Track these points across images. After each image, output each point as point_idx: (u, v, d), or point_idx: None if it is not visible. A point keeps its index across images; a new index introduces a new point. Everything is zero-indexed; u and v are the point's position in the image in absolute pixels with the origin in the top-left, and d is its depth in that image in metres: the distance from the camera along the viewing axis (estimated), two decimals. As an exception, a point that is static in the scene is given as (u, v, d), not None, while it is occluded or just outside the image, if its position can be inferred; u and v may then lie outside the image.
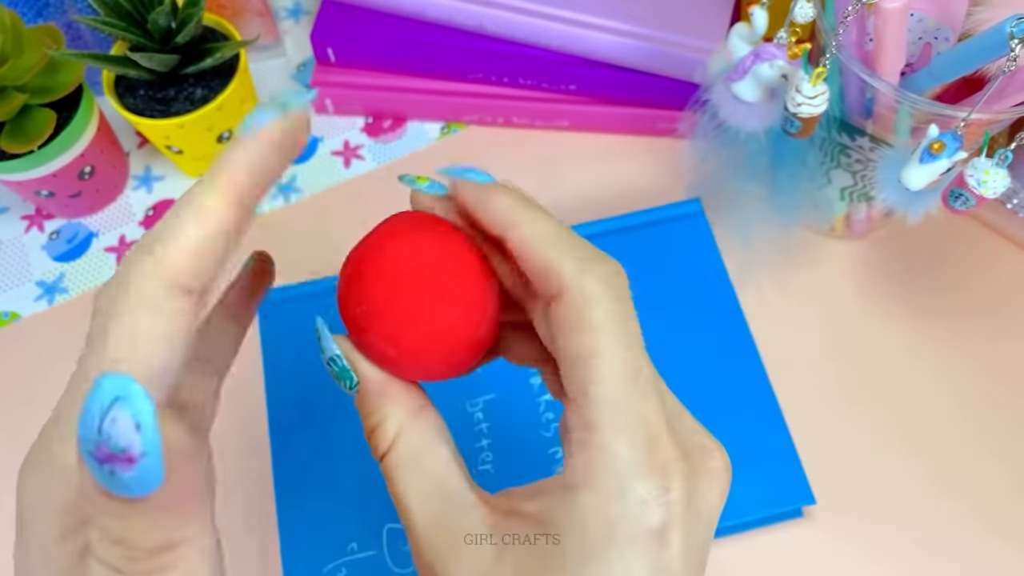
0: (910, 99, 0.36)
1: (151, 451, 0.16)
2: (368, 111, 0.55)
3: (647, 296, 0.45)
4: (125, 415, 0.16)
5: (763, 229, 0.47)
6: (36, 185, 0.48)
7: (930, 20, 0.38)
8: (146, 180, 0.54)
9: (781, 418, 0.42)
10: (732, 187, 0.47)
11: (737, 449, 0.42)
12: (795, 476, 0.41)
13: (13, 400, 0.47)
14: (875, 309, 0.48)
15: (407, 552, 0.39)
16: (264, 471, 0.43)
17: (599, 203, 0.51)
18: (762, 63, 0.38)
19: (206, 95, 0.48)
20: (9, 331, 0.49)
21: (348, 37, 0.52)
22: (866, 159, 0.42)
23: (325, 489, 0.40)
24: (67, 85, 0.46)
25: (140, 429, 0.16)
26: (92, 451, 0.16)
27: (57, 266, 0.51)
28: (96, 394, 0.16)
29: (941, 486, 0.43)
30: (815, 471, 0.41)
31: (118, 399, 0.16)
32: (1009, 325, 0.47)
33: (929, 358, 0.46)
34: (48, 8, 0.50)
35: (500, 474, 0.40)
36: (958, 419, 0.44)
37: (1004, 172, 0.34)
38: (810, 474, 0.41)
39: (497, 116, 0.54)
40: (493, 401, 0.42)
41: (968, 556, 0.41)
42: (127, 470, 0.16)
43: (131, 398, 0.16)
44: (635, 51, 0.49)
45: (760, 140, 0.43)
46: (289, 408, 0.42)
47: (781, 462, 0.41)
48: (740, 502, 0.40)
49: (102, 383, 0.16)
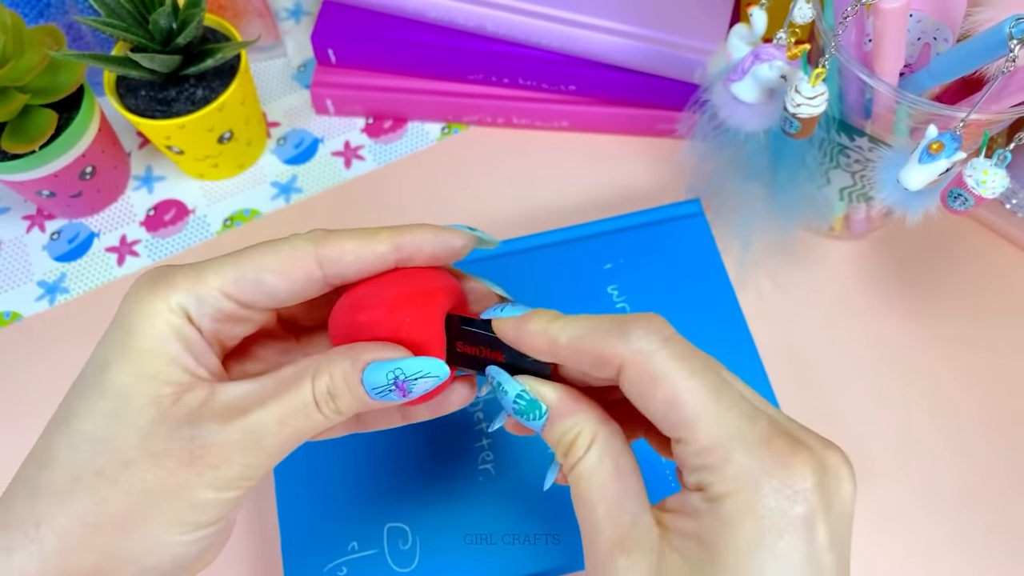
0: (909, 99, 0.36)
1: (417, 391, 0.26)
2: (369, 112, 0.56)
3: (647, 296, 0.46)
4: (428, 383, 0.26)
5: (763, 229, 0.47)
6: (37, 185, 0.48)
7: (929, 20, 0.38)
8: (147, 180, 0.54)
9: (781, 418, 0.42)
10: (732, 187, 0.47)
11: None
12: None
13: (14, 400, 0.47)
14: (874, 309, 0.48)
15: (407, 551, 0.39)
16: (265, 471, 0.43)
17: (599, 203, 0.52)
18: (761, 64, 0.38)
19: (207, 96, 0.48)
20: (10, 331, 0.49)
21: (349, 38, 0.52)
22: (865, 159, 0.42)
23: (325, 488, 0.40)
24: (68, 86, 0.46)
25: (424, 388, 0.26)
26: (398, 379, 0.25)
27: (58, 266, 0.51)
28: (429, 371, 0.26)
29: (941, 485, 0.43)
30: (814, 471, 0.41)
31: (434, 376, 0.26)
32: (1008, 325, 0.47)
33: (929, 357, 0.46)
34: (49, 9, 0.50)
35: (500, 474, 0.40)
36: (958, 418, 0.45)
37: (1003, 172, 0.34)
38: (810, 474, 0.41)
39: (497, 116, 0.54)
40: (493, 401, 0.42)
41: (970, 556, 0.41)
42: (399, 396, 0.26)
43: (437, 375, 0.26)
44: (635, 52, 0.50)
45: (760, 140, 0.43)
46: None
47: (781, 462, 0.41)
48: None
49: (438, 370, 0.26)
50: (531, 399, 0.26)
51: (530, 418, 0.26)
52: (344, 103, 0.55)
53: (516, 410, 0.27)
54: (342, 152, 0.55)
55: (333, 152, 0.55)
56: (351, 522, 0.39)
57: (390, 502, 0.40)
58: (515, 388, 0.26)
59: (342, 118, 0.56)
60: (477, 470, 0.40)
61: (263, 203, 0.53)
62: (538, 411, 0.26)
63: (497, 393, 0.27)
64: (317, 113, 0.56)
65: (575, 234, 0.47)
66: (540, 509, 0.39)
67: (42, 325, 0.49)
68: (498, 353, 0.28)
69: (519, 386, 0.26)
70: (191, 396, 0.24)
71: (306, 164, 0.54)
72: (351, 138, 0.55)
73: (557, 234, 0.47)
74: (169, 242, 0.52)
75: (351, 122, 0.56)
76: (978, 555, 0.41)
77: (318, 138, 0.55)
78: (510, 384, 0.27)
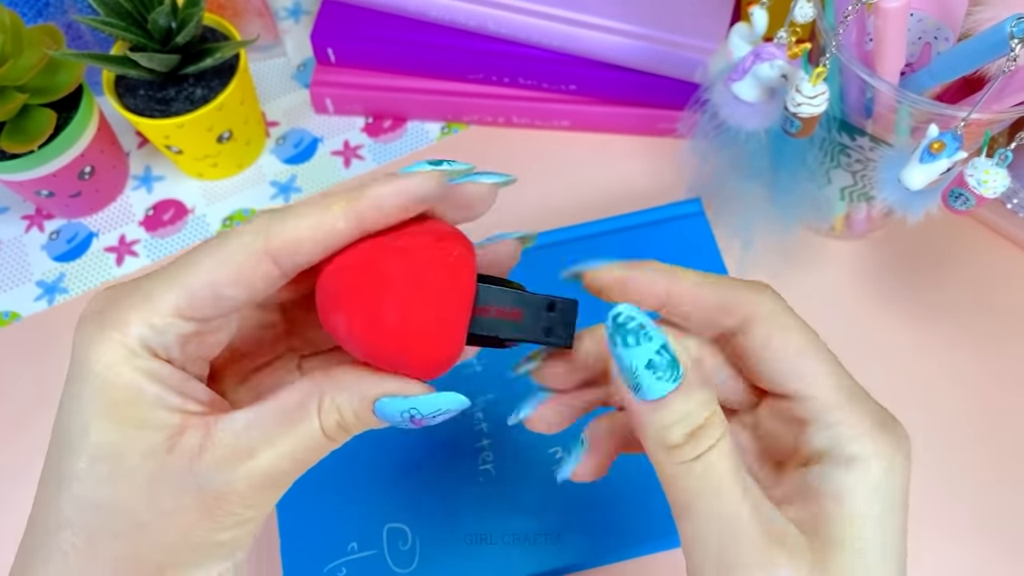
0: (910, 99, 0.36)
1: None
2: (368, 111, 0.55)
3: (647, 296, 0.45)
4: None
5: (763, 229, 0.47)
6: (36, 185, 0.48)
7: (930, 20, 0.38)
8: (146, 180, 0.54)
9: (781, 418, 0.42)
10: (732, 187, 0.47)
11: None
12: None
13: (13, 400, 0.47)
14: (875, 309, 0.48)
15: (407, 552, 0.39)
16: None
17: (599, 203, 0.51)
18: (762, 63, 0.38)
19: (206, 95, 0.48)
20: (9, 331, 0.49)
21: (348, 37, 0.52)
22: (866, 159, 0.42)
23: (324, 489, 0.40)
24: (67, 85, 0.46)
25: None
26: (412, 415, 0.24)
27: (57, 266, 0.51)
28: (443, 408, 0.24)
29: (941, 485, 0.43)
30: (815, 471, 0.41)
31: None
32: (1008, 325, 0.47)
33: (929, 357, 0.46)
34: (48, 8, 0.50)
35: (500, 474, 0.40)
36: (958, 418, 0.44)
37: (1004, 172, 0.34)
38: (810, 474, 0.41)
39: (497, 116, 0.54)
40: (493, 401, 0.42)
41: (969, 555, 0.41)
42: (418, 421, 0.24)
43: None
44: (635, 51, 0.49)
45: (760, 140, 0.43)
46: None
47: (781, 462, 0.41)
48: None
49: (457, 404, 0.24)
50: (672, 357, 0.22)
51: (661, 380, 0.22)
52: (344, 102, 0.55)
53: (651, 364, 0.22)
54: (341, 151, 0.55)
55: (332, 151, 0.55)
56: (351, 522, 0.39)
57: (390, 502, 0.40)
58: (660, 339, 0.22)
59: (341, 117, 0.56)
60: (477, 470, 0.40)
61: (262, 203, 0.53)
62: (675, 372, 0.22)
63: (615, 343, 0.22)
64: (316, 112, 0.56)
65: (575, 234, 0.47)
66: (540, 509, 0.39)
67: (41, 325, 0.49)
68: (516, 312, 0.24)
69: (663, 337, 0.22)
70: (186, 440, 0.22)
71: (305, 164, 0.54)
72: (350, 137, 0.55)
73: (557, 234, 0.47)
74: (168, 242, 0.52)
75: (351, 121, 0.56)
76: (978, 552, 0.41)
77: (317, 137, 0.55)
78: (652, 329, 0.22)
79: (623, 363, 0.22)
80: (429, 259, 0.23)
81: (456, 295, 0.23)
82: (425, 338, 0.23)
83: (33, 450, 0.47)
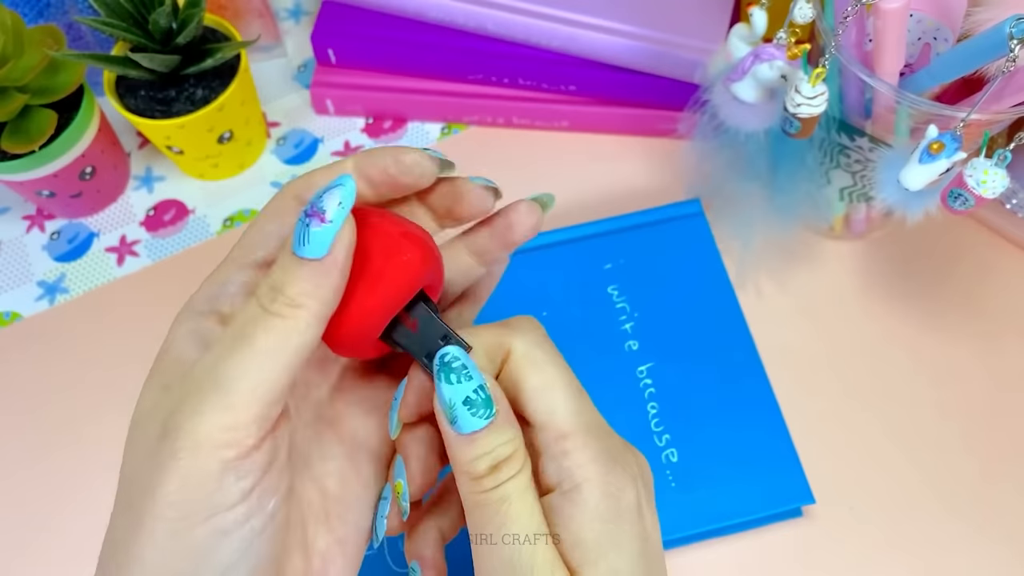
0: (909, 99, 0.36)
1: (336, 221, 0.22)
2: (368, 112, 0.56)
3: (647, 296, 0.45)
4: (336, 192, 0.23)
5: (763, 229, 0.47)
6: (37, 185, 0.48)
7: (929, 20, 0.38)
8: (147, 180, 0.54)
9: (780, 418, 0.42)
10: (732, 187, 0.47)
11: (737, 449, 0.42)
12: (795, 476, 0.41)
13: (14, 400, 0.47)
14: (874, 309, 0.48)
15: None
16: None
17: (599, 203, 0.52)
18: (762, 63, 0.38)
19: (207, 95, 0.48)
20: (10, 331, 0.49)
21: (349, 38, 0.52)
22: (865, 159, 0.42)
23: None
24: (68, 86, 0.46)
25: (340, 205, 0.23)
26: (307, 209, 0.23)
27: (58, 266, 0.51)
28: (334, 181, 0.23)
29: (940, 485, 0.43)
30: (814, 471, 0.41)
31: (340, 184, 0.23)
32: (1008, 325, 0.47)
33: (928, 357, 0.46)
34: (49, 9, 0.50)
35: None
36: (958, 418, 0.45)
37: (1003, 172, 0.34)
38: (809, 474, 0.41)
39: (497, 116, 0.54)
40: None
41: (968, 555, 0.41)
42: (317, 226, 0.22)
43: (346, 186, 0.23)
44: (635, 51, 0.49)
45: (760, 140, 0.43)
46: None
47: (781, 462, 0.41)
48: (740, 502, 0.40)
49: (342, 178, 0.23)
50: (488, 396, 0.24)
51: (475, 416, 0.24)
52: (344, 103, 0.55)
53: (468, 401, 0.24)
54: (343, 152, 0.55)
55: (333, 152, 0.55)
56: (351, 522, 0.39)
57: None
58: (479, 379, 0.24)
59: (342, 118, 0.56)
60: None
61: (263, 203, 0.53)
62: (489, 411, 0.24)
63: (440, 379, 0.24)
64: (317, 113, 0.56)
65: (575, 234, 0.47)
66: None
67: (42, 325, 0.49)
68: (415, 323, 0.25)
69: (482, 378, 0.24)
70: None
71: (307, 164, 0.54)
72: (351, 138, 0.55)
73: (557, 234, 0.47)
74: (169, 242, 0.52)
75: (351, 122, 0.56)
76: (978, 551, 0.41)
77: (318, 138, 0.55)
78: (474, 371, 0.24)
79: (443, 398, 0.24)
80: (383, 246, 0.24)
81: (384, 288, 0.24)
82: (342, 307, 0.24)
83: (33, 449, 0.47)
